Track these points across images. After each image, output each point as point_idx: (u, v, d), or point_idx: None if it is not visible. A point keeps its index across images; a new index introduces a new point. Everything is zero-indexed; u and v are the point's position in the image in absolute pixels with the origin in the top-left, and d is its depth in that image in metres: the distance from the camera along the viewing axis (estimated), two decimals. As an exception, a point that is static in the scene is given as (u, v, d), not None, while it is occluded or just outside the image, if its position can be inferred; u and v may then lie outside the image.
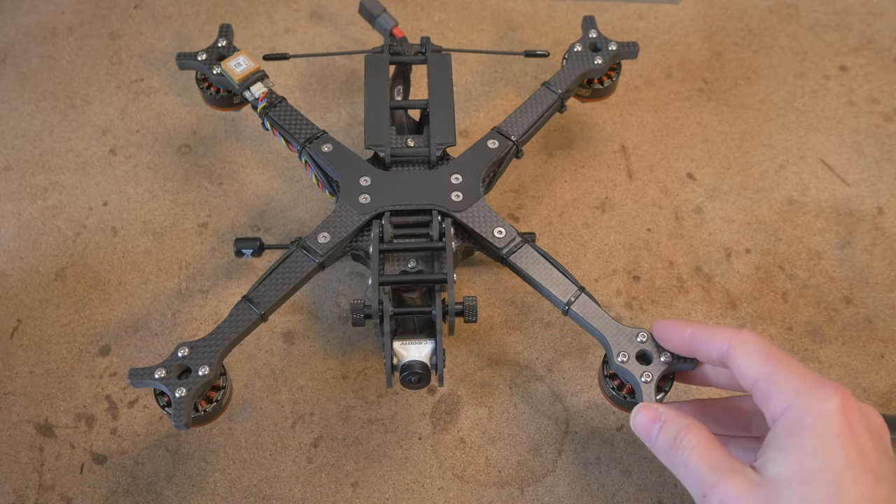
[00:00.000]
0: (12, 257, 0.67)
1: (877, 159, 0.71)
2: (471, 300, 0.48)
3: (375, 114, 0.58)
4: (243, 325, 0.49)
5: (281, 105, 0.60)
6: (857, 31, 0.82)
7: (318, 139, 0.58)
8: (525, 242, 0.51)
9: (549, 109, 0.59)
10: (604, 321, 0.48)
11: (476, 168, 0.55)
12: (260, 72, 0.60)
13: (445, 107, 0.59)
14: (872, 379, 0.57)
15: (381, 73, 0.61)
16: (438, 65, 0.61)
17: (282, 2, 0.89)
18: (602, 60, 0.62)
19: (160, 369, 0.46)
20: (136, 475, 0.54)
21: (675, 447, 0.40)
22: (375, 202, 0.54)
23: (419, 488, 0.53)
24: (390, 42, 0.64)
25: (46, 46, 0.84)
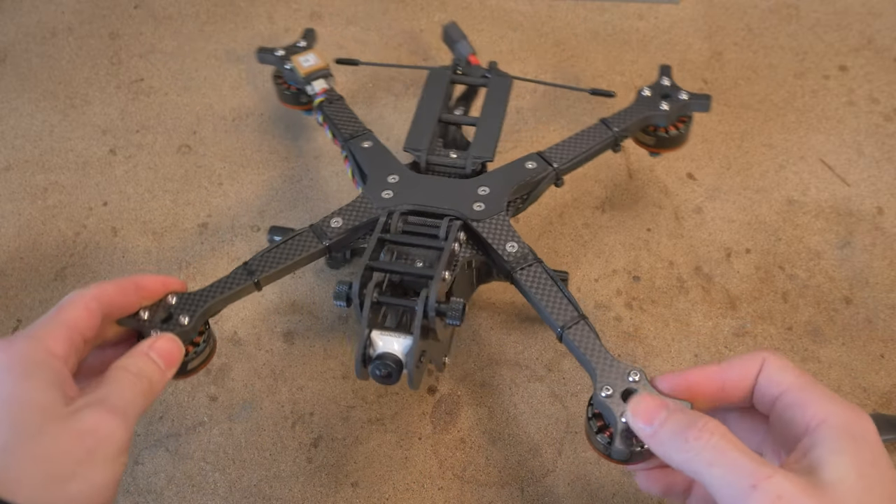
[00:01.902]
0: (12, 257, 0.67)
1: (877, 159, 0.71)
2: (457, 302, 0.46)
3: (422, 121, 0.60)
4: (234, 288, 0.50)
5: (337, 102, 0.63)
6: (857, 31, 0.82)
7: (361, 136, 0.60)
8: (537, 262, 0.50)
9: (599, 145, 0.58)
10: (597, 352, 0.45)
11: (505, 184, 0.54)
12: (325, 70, 0.64)
13: (492, 124, 0.59)
14: (872, 379, 0.57)
15: (438, 87, 0.62)
16: (497, 86, 0.62)
17: (282, 2, 0.89)
18: (668, 108, 0.59)
19: (146, 311, 0.47)
20: (136, 475, 0.54)
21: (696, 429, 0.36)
22: (397, 199, 0.54)
23: (419, 488, 0.53)
24: (458, 63, 0.65)
25: (46, 46, 0.84)
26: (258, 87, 0.80)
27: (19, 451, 0.35)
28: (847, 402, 0.37)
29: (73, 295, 0.42)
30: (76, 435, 0.36)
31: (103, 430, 0.37)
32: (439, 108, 0.61)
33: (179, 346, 0.45)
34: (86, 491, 0.35)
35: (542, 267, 0.49)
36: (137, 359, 0.42)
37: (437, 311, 0.46)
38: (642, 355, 0.59)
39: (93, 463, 0.36)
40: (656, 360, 0.58)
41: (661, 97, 0.60)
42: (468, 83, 0.64)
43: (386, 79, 0.80)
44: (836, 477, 0.34)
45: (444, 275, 0.47)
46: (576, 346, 0.45)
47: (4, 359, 0.38)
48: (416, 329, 0.45)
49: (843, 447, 0.35)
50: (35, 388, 0.37)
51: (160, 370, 0.42)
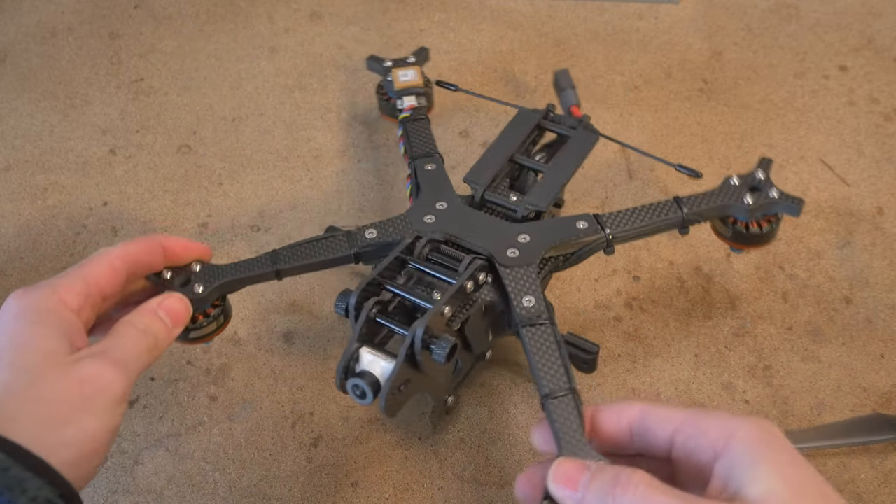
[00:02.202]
0: (12, 257, 0.67)
1: (877, 159, 0.71)
2: (447, 340, 0.44)
3: (491, 157, 0.58)
4: (255, 271, 0.51)
5: (419, 122, 0.62)
6: (857, 31, 0.82)
7: (428, 158, 0.59)
8: (549, 324, 0.47)
9: (665, 223, 0.53)
10: (572, 432, 0.41)
11: (548, 236, 0.52)
12: (418, 88, 0.65)
13: (559, 176, 0.56)
14: (872, 379, 0.57)
15: (522, 127, 0.60)
16: (580, 139, 0.59)
17: (282, 2, 0.89)
18: (752, 202, 0.53)
19: (170, 272, 0.49)
20: (136, 475, 0.54)
21: (622, 485, 0.34)
22: (435, 226, 0.53)
23: (419, 488, 0.53)
24: (551, 110, 0.62)
25: (46, 46, 0.84)
26: (258, 86, 0.80)
27: (20, 392, 0.36)
28: (746, 416, 0.36)
29: (101, 252, 0.43)
30: (75, 382, 0.37)
31: (102, 380, 0.38)
32: (515, 147, 0.58)
33: (187, 305, 0.46)
34: (80, 436, 0.36)
35: (552, 330, 0.47)
36: (144, 315, 0.43)
37: (424, 343, 0.44)
38: (642, 355, 0.59)
39: (89, 410, 0.37)
40: (656, 360, 0.58)
41: (749, 189, 0.54)
42: (553, 130, 0.61)
43: (386, 79, 0.80)
44: (762, 491, 0.33)
45: (444, 309, 0.46)
46: (554, 418, 0.42)
47: (19, 305, 0.39)
48: (400, 354, 0.44)
49: (758, 457, 0.34)
50: (42, 335, 0.38)
51: (166, 328, 0.44)
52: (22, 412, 0.36)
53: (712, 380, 0.57)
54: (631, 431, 0.39)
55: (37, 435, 0.35)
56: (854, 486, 0.51)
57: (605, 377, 0.58)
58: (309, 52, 0.84)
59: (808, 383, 0.57)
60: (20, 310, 0.39)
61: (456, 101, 0.78)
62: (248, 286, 0.52)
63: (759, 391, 0.56)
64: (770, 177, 0.55)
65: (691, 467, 0.37)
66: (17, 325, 0.38)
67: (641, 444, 0.39)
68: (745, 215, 0.54)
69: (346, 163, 0.73)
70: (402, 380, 0.45)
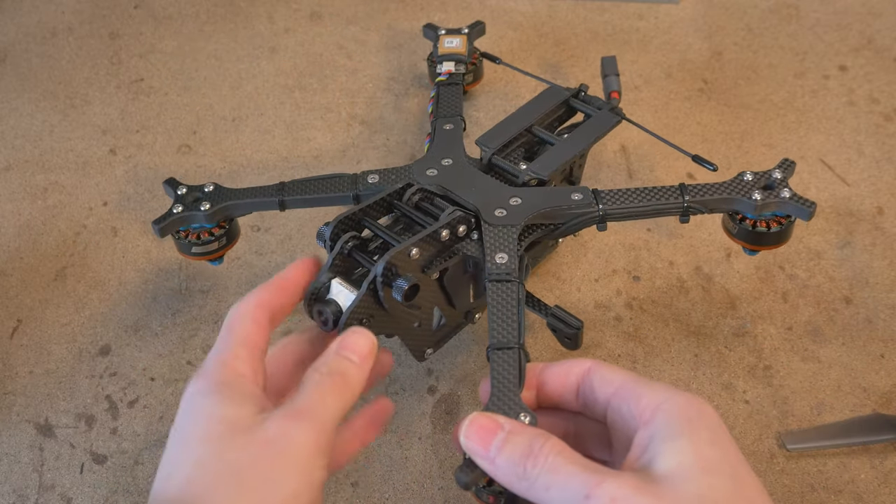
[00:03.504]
0: (12, 257, 0.67)
1: (877, 159, 0.71)
2: (408, 278, 0.45)
3: (507, 125, 0.59)
4: (260, 197, 0.55)
5: (453, 87, 0.65)
6: (857, 31, 0.82)
7: (449, 119, 0.61)
8: (516, 283, 0.47)
9: (665, 207, 0.53)
10: (506, 383, 0.41)
11: (539, 202, 0.52)
12: (460, 56, 0.69)
13: (567, 149, 0.57)
14: (872, 379, 0.57)
15: (546, 101, 0.61)
16: (600, 120, 0.59)
17: (282, 2, 0.89)
18: (759, 198, 0.52)
19: (185, 187, 0.55)
20: (136, 475, 0.54)
21: (532, 456, 0.34)
22: (434, 179, 0.54)
23: (419, 488, 0.53)
24: (584, 90, 0.63)
25: (46, 46, 0.84)
26: (258, 86, 0.80)
27: (210, 464, 0.35)
28: (683, 391, 0.36)
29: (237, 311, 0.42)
30: (263, 443, 0.36)
31: (289, 436, 0.36)
32: (535, 119, 0.59)
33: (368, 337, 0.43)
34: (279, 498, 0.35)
35: (518, 288, 0.47)
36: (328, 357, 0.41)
37: (386, 279, 0.45)
38: (642, 355, 0.59)
39: (283, 470, 0.35)
40: (656, 360, 0.58)
41: (761, 187, 0.53)
42: (580, 109, 0.61)
43: (386, 79, 0.80)
44: (672, 465, 0.33)
45: (412, 250, 0.46)
46: (494, 368, 0.42)
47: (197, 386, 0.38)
48: (363, 286, 0.44)
49: (677, 432, 0.34)
50: (223, 403, 0.37)
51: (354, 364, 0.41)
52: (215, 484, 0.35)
53: (712, 380, 0.57)
54: (577, 390, 0.39)
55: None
56: (854, 486, 0.51)
57: (605, 377, 0.58)
58: (309, 52, 0.84)
59: (808, 383, 0.57)
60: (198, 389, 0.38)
61: (456, 101, 0.78)
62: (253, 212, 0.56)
63: (759, 391, 0.56)
64: (787, 179, 0.53)
65: (621, 432, 0.37)
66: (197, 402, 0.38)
67: (584, 403, 0.39)
68: (752, 212, 0.53)
69: (346, 163, 0.73)
70: (363, 312, 0.45)
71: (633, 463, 0.35)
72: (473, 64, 0.71)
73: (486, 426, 0.36)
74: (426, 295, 0.49)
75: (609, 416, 0.38)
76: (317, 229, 0.49)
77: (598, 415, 0.39)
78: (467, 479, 0.37)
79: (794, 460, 0.53)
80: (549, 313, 0.53)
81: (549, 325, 0.53)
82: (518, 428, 0.36)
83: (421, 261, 0.48)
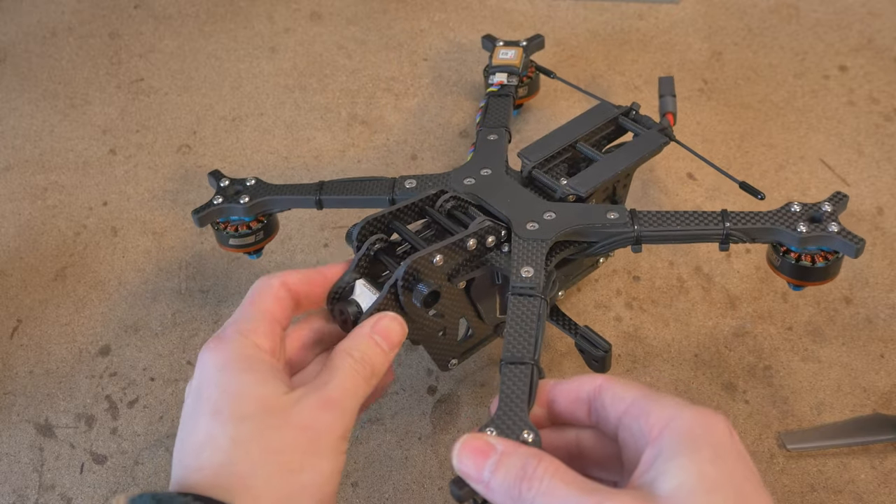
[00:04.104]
0: (12, 257, 0.67)
1: (877, 159, 0.71)
2: (429, 284, 0.44)
3: (551, 139, 0.58)
4: (299, 194, 0.56)
5: (502, 98, 0.64)
6: (857, 31, 0.82)
7: (494, 130, 0.60)
8: (540, 298, 0.46)
9: (703, 233, 0.50)
10: (515, 399, 0.40)
11: (573, 220, 0.50)
12: (512, 67, 0.68)
13: (608, 168, 0.55)
14: (872, 379, 0.57)
15: (594, 118, 0.59)
16: (646, 139, 0.58)
17: (282, 2, 0.89)
18: (804, 231, 0.49)
19: (227, 180, 0.56)
20: (136, 475, 0.54)
21: (528, 479, 0.34)
22: (472, 189, 0.54)
23: (419, 488, 0.53)
24: (635, 109, 0.61)
25: (46, 46, 0.84)
26: (258, 86, 0.80)
27: (251, 443, 0.35)
28: (698, 406, 0.35)
29: (261, 285, 0.42)
30: (299, 428, 0.36)
31: (322, 424, 0.37)
32: (580, 135, 0.58)
33: (401, 324, 0.43)
34: (317, 480, 0.36)
35: (540, 304, 0.45)
36: (360, 341, 0.41)
37: (406, 283, 0.44)
38: (642, 355, 0.59)
39: (318, 454, 0.36)
40: (656, 360, 0.58)
41: (807, 218, 0.50)
42: (628, 128, 0.60)
43: (386, 79, 0.80)
44: (673, 484, 0.32)
45: (436, 256, 0.46)
46: (504, 381, 0.41)
47: (220, 357, 0.38)
48: (384, 288, 0.44)
49: (680, 450, 0.33)
50: (254, 382, 0.37)
51: (382, 352, 0.41)
52: (257, 464, 0.35)
53: (712, 380, 0.57)
54: (589, 407, 0.39)
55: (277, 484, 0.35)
56: (854, 486, 0.51)
57: (605, 377, 0.58)
58: (309, 52, 0.84)
59: (808, 383, 0.57)
60: (223, 361, 0.38)
61: (456, 100, 0.78)
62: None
63: (759, 391, 0.56)
64: (838, 212, 0.51)
65: (631, 450, 0.36)
66: (226, 376, 0.37)
67: (597, 421, 0.39)
68: (796, 245, 0.50)
69: (346, 163, 0.73)
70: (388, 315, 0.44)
71: (636, 481, 0.34)
72: (529, 77, 0.70)
73: (479, 448, 0.36)
74: (451, 304, 0.49)
75: (620, 434, 0.37)
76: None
77: (610, 432, 0.38)
78: (460, 492, 0.36)
79: (794, 460, 0.53)
80: (577, 333, 0.52)
81: (577, 346, 0.52)
82: (511, 448, 0.35)
83: (446, 269, 0.47)
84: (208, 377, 0.38)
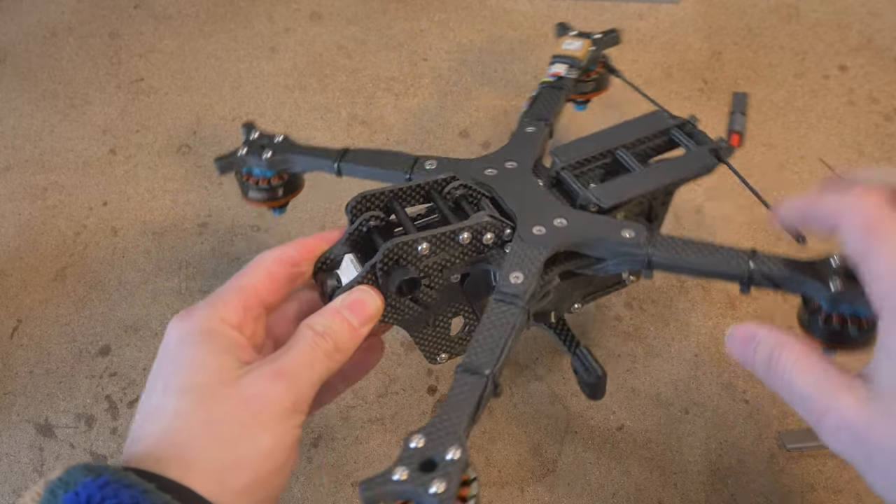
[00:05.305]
0: (12, 257, 0.67)
1: (877, 159, 0.71)
2: (405, 271, 0.43)
3: (590, 141, 0.54)
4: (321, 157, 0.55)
5: (555, 91, 0.60)
6: (857, 31, 0.82)
7: (535, 122, 0.56)
8: (522, 310, 0.43)
9: (723, 270, 0.44)
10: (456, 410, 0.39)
11: (582, 231, 0.47)
12: (574, 59, 0.63)
13: (642, 182, 0.50)
14: (872, 379, 0.57)
15: (642, 126, 0.55)
16: (693, 157, 0.53)
17: (282, 2, 0.89)
18: (836, 290, 0.42)
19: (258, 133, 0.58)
20: (136, 475, 0.54)
21: (773, 368, 0.36)
22: (492, 182, 0.50)
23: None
24: (692, 122, 0.56)
25: (46, 46, 0.84)
26: (258, 86, 0.80)
27: (192, 415, 0.35)
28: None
29: (257, 258, 0.42)
30: (242, 399, 0.36)
31: (268, 394, 0.36)
32: (623, 141, 0.53)
33: (375, 298, 0.41)
34: (254, 455, 0.35)
35: (519, 314, 0.42)
36: (326, 315, 0.40)
37: (384, 266, 0.43)
38: (642, 355, 0.59)
39: (260, 427, 0.35)
40: (656, 360, 0.58)
41: (843, 276, 0.42)
42: (680, 142, 0.54)
43: (386, 79, 0.80)
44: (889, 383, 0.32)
45: (422, 244, 0.43)
46: (455, 389, 0.40)
47: (180, 329, 0.38)
48: (364, 268, 0.43)
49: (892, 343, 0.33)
50: (206, 352, 0.37)
51: (350, 327, 0.40)
52: (196, 434, 0.35)
53: (712, 380, 0.57)
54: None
55: (213, 455, 0.34)
56: (854, 486, 0.51)
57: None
58: (309, 52, 0.84)
59: (808, 383, 0.57)
60: (181, 333, 0.38)
61: (456, 100, 0.78)
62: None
63: (759, 391, 0.56)
64: None
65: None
66: (180, 349, 0.37)
67: None
68: (827, 302, 0.42)
69: (346, 163, 0.73)
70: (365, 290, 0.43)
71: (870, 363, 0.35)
72: (598, 73, 0.65)
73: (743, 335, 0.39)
74: (441, 297, 0.47)
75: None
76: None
77: None
78: (367, 493, 0.35)
79: (794, 460, 0.53)
80: (574, 351, 0.51)
81: (572, 365, 0.51)
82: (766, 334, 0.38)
83: (434, 259, 0.45)
84: (166, 349, 0.38)
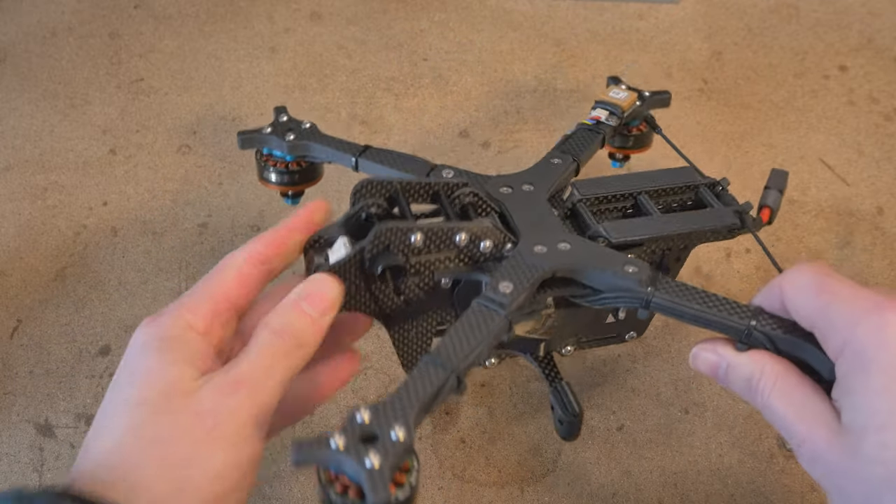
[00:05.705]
0: (12, 257, 0.67)
1: (877, 159, 0.71)
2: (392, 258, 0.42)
3: (615, 181, 0.53)
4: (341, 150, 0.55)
5: (592, 134, 0.58)
6: (857, 31, 0.82)
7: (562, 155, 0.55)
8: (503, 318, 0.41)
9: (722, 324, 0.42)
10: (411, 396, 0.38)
11: (583, 258, 0.46)
12: (616, 108, 0.61)
13: (656, 226, 0.49)
14: (872, 379, 0.57)
15: (668, 177, 0.53)
16: (716, 214, 0.51)
17: (282, 2, 0.89)
18: None
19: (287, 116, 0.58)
20: (136, 475, 0.54)
21: (752, 391, 0.37)
22: (505, 199, 0.50)
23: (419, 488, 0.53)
24: (724, 185, 0.54)
25: (46, 46, 0.84)
26: (258, 86, 0.80)
27: (142, 431, 0.33)
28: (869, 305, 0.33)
29: (226, 259, 0.39)
30: (196, 414, 0.33)
31: (222, 410, 0.33)
32: (647, 187, 0.52)
33: (332, 285, 0.39)
34: (202, 476, 0.32)
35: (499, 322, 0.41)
36: (282, 310, 0.37)
37: (375, 246, 0.42)
38: (642, 355, 0.59)
39: (213, 444, 0.33)
40: (656, 360, 0.58)
41: None
42: (704, 199, 0.53)
43: (386, 79, 0.80)
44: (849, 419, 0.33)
45: (416, 234, 0.43)
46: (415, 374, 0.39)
47: (144, 335, 0.36)
48: (352, 249, 0.42)
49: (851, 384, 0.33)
50: (166, 363, 0.34)
51: (310, 319, 0.37)
52: (144, 455, 0.32)
53: (712, 380, 0.57)
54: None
55: (160, 477, 0.32)
56: (854, 486, 0.51)
57: (605, 377, 0.58)
58: (309, 52, 0.84)
59: (808, 383, 0.57)
60: (145, 339, 0.36)
61: (456, 100, 0.78)
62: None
63: (759, 391, 0.56)
64: None
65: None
66: (140, 357, 0.35)
67: None
68: (826, 373, 0.40)
69: (346, 163, 0.73)
70: (344, 273, 0.42)
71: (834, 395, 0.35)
72: (641, 131, 0.63)
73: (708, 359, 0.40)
74: (428, 298, 0.46)
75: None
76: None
77: None
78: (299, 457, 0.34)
79: (795, 460, 0.53)
80: (554, 385, 0.49)
81: (550, 400, 0.51)
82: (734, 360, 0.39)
83: (426, 255, 0.44)
84: (127, 357, 0.36)
